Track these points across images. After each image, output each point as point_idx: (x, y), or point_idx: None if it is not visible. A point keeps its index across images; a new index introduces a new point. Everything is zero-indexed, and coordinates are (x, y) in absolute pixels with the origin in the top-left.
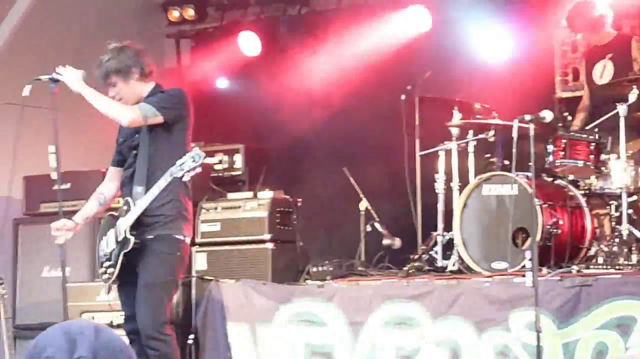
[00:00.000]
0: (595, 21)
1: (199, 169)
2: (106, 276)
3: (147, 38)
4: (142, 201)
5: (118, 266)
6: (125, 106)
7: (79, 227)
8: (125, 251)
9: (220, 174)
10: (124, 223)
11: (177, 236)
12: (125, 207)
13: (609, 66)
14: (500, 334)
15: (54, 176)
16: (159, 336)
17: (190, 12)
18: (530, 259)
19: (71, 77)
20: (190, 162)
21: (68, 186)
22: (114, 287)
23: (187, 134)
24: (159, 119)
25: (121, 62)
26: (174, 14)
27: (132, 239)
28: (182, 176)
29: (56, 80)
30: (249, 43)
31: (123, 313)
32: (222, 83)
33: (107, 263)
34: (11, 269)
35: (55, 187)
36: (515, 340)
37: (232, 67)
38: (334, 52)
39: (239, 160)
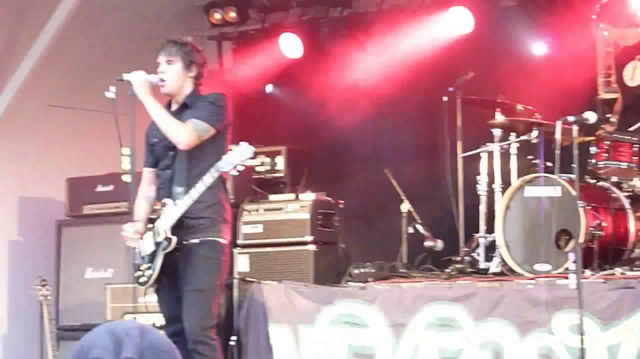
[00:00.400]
0: (628, 17)
1: (248, 163)
2: (144, 278)
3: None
4: (185, 199)
5: (157, 268)
6: (182, 125)
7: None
8: (165, 252)
9: (262, 176)
10: (164, 224)
11: (221, 241)
12: (164, 208)
13: (639, 67)
14: (543, 337)
15: (127, 178)
16: (206, 340)
17: (232, 14)
18: (573, 261)
19: (139, 81)
20: (238, 156)
21: (110, 187)
22: (151, 289)
23: (227, 135)
24: (212, 132)
25: (192, 56)
26: (216, 16)
27: (174, 240)
28: (230, 170)
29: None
30: (290, 45)
31: (163, 315)
32: (264, 85)
33: (145, 266)
34: (54, 271)
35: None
36: (559, 342)
37: (273, 70)
38: (375, 54)
39: (280, 162)
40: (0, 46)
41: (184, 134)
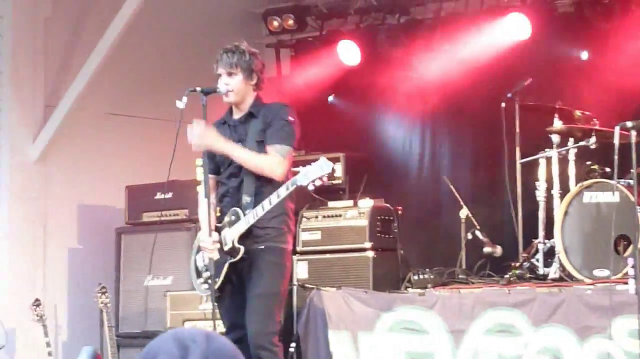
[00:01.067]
0: None
1: (325, 179)
2: (205, 285)
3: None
4: (257, 210)
5: (222, 276)
6: (271, 159)
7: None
8: (231, 260)
9: (322, 183)
10: (232, 233)
11: (285, 247)
12: (233, 218)
13: None
14: (602, 342)
15: (200, 189)
16: (269, 347)
17: (290, 22)
18: (632, 267)
19: (208, 137)
20: (317, 171)
21: (170, 195)
22: (210, 297)
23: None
24: (292, 151)
25: (252, 64)
26: (274, 24)
27: (242, 250)
28: (307, 184)
29: (208, 92)
30: (348, 52)
31: (224, 322)
32: (321, 92)
33: (207, 273)
34: (114, 278)
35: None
36: (618, 348)
37: (331, 77)
38: (433, 60)
39: (339, 169)
40: (59, 55)
41: (278, 167)
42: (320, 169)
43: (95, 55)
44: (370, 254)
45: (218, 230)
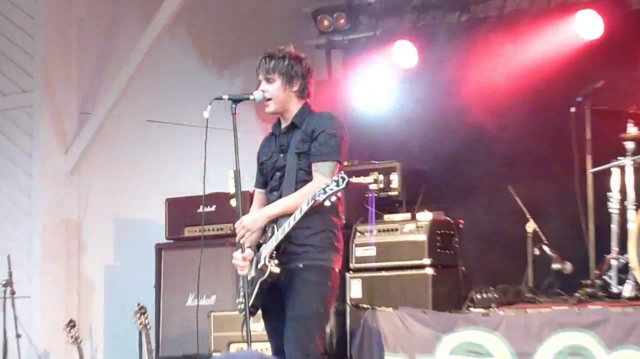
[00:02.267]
0: None
1: (339, 194)
2: (241, 305)
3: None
4: (285, 225)
5: (254, 294)
6: (313, 187)
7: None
8: (262, 279)
9: (376, 194)
10: (265, 250)
11: (327, 265)
12: (269, 234)
13: None
14: None
15: (234, 203)
16: None
17: (342, 21)
18: None
19: (256, 222)
20: (333, 186)
21: (213, 208)
22: (253, 317)
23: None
24: (337, 165)
25: (292, 69)
26: (325, 23)
27: (270, 267)
28: (323, 200)
29: (238, 100)
30: (404, 53)
31: (271, 345)
32: (376, 97)
33: (244, 293)
34: (154, 298)
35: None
36: None
37: (386, 79)
38: (495, 62)
39: (395, 179)
40: (94, 58)
41: (320, 191)
42: (336, 184)
43: (132, 58)
44: (430, 271)
45: (259, 246)
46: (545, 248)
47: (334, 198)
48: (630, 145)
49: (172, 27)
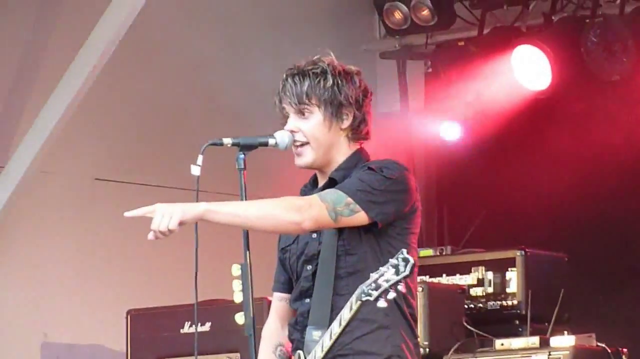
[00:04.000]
0: None
1: (401, 287)
2: None
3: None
4: (315, 352)
5: None
6: (291, 200)
7: None
8: None
9: (481, 304)
10: None
11: None
12: None
13: None
14: None
15: (239, 318)
16: None
17: (424, 13)
18: None
19: (179, 211)
20: (390, 275)
21: (207, 327)
22: None
23: (410, 236)
24: (362, 217)
25: (340, 93)
26: (396, 17)
27: None
28: (374, 297)
29: (249, 147)
30: (530, 66)
31: None
32: (483, 138)
33: None
34: None
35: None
36: None
37: (500, 109)
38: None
39: (514, 279)
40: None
41: (296, 208)
42: (395, 271)
43: (65, 88)
44: None
45: None
46: None
47: (392, 295)
48: None
49: (122, 49)
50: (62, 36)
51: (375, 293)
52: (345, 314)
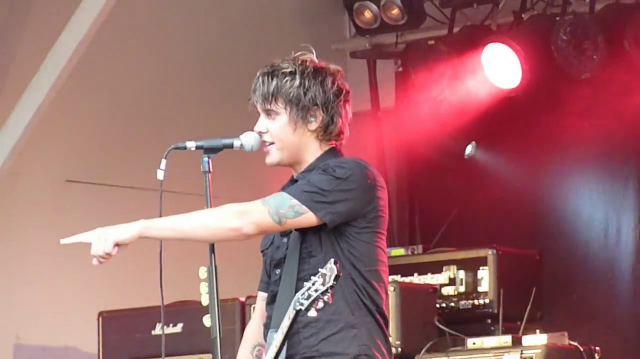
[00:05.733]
0: None
1: (327, 296)
2: None
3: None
4: (269, 354)
5: None
6: (231, 207)
7: None
8: None
9: (453, 303)
10: None
11: None
12: None
13: None
14: None
15: (207, 320)
16: None
17: (394, 12)
18: None
19: (113, 233)
20: (318, 285)
21: (178, 328)
22: None
23: (372, 234)
24: (309, 218)
25: (306, 94)
26: (366, 16)
27: None
28: (305, 306)
29: (214, 150)
30: (500, 65)
31: None
32: (451, 138)
33: None
34: None
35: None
36: None
37: (469, 109)
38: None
39: (486, 278)
40: None
41: (232, 213)
42: (322, 281)
43: (30, 97)
44: None
45: None
46: None
47: (321, 305)
48: None
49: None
50: (31, 37)
51: (306, 303)
52: (285, 322)
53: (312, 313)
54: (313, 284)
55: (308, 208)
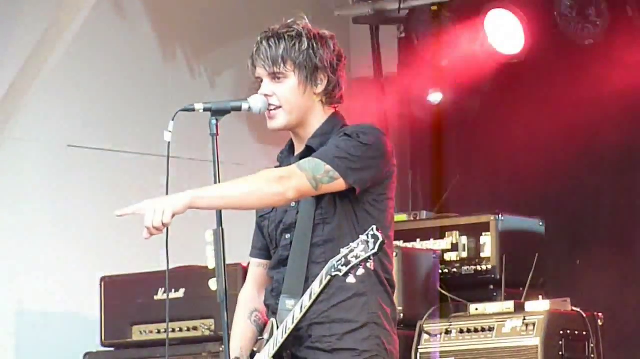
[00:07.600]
0: None
1: (369, 264)
2: None
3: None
4: (287, 321)
5: None
6: (270, 173)
7: None
8: None
9: (456, 270)
10: None
11: None
12: (266, 336)
13: None
14: None
15: (212, 283)
16: None
17: None
18: None
19: (169, 204)
20: (359, 251)
21: (180, 293)
22: None
23: (387, 201)
24: (340, 184)
25: (315, 56)
26: None
27: None
28: (345, 274)
29: (221, 112)
30: (503, 31)
31: None
32: (454, 104)
33: None
34: None
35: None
36: None
37: (473, 75)
38: None
39: (488, 244)
40: None
41: (279, 180)
42: (365, 246)
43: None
44: None
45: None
46: None
47: (361, 272)
48: None
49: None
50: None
51: (344, 269)
52: (316, 287)
53: (351, 279)
54: (351, 251)
55: (340, 174)
